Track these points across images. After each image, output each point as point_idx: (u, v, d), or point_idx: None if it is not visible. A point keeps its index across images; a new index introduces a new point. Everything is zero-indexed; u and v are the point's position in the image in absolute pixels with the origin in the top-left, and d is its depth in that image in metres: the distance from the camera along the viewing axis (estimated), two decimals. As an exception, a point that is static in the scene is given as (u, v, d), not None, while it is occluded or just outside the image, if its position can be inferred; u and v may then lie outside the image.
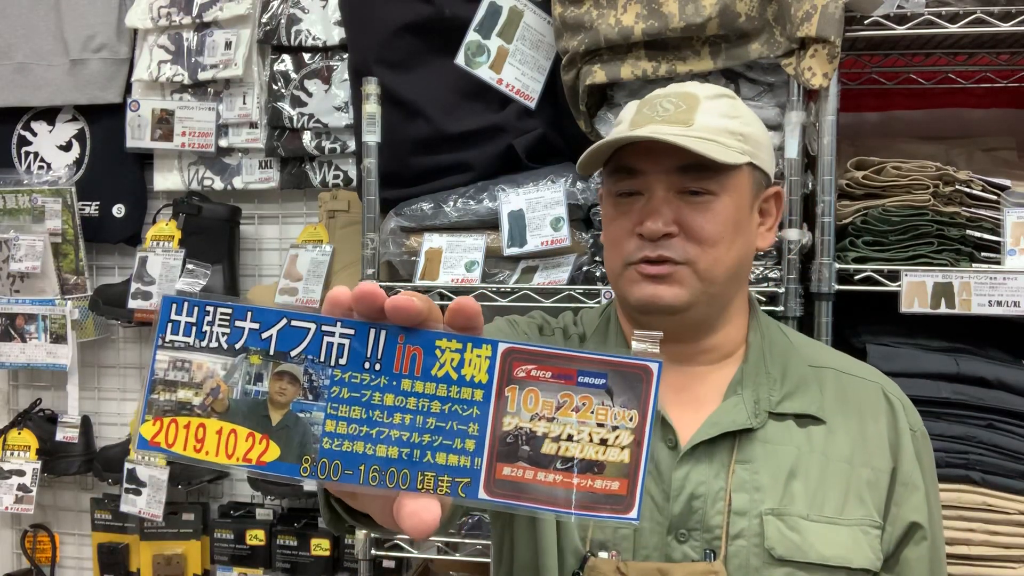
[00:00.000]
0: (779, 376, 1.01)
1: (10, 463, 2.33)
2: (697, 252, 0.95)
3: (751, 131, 0.99)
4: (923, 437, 1.03)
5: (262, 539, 2.22)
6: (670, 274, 0.96)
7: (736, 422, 0.97)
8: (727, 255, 0.97)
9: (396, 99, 1.74)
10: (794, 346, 1.06)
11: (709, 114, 0.97)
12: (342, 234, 2.14)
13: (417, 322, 0.52)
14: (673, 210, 0.96)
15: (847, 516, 0.95)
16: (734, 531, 0.93)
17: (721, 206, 0.96)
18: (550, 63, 1.76)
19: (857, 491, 0.96)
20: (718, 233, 0.96)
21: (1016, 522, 1.43)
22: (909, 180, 1.51)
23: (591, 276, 1.65)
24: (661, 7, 1.50)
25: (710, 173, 0.95)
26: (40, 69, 2.37)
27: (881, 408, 1.02)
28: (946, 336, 1.54)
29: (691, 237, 0.95)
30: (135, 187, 2.39)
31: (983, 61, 1.86)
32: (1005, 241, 1.49)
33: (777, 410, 0.98)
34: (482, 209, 1.70)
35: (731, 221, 0.97)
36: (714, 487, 0.95)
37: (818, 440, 0.98)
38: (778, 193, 1.04)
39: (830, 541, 0.93)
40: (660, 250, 0.95)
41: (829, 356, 1.08)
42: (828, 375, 1.03)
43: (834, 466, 0.97)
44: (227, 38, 2.24)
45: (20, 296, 2.37)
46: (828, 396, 1.01)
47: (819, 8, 1.40)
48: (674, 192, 0.96)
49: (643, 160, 0.96)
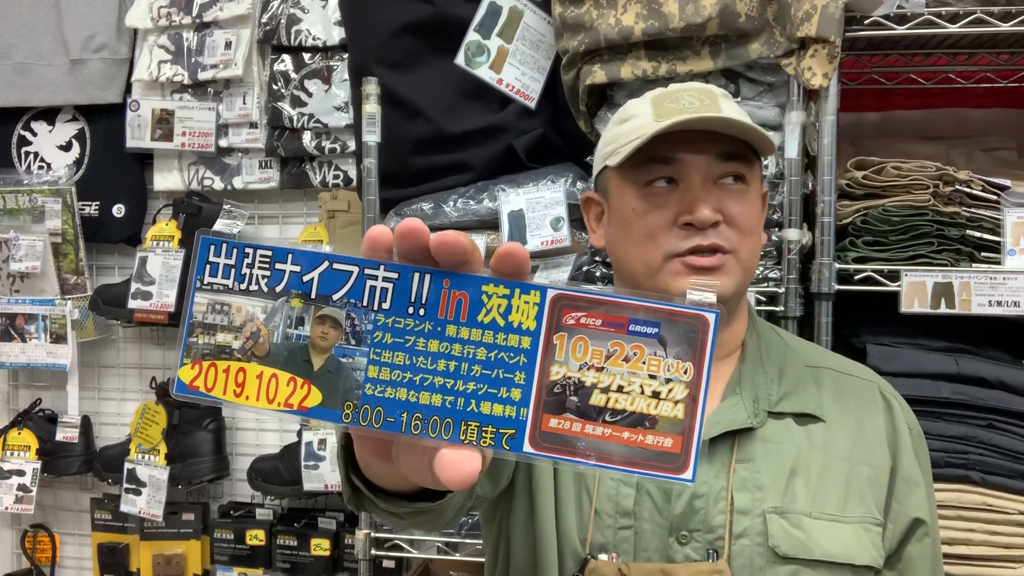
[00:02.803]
0: (776, 376, 1.01)
1: (10, 463, 2.33)
2: (739, 240, 0.95)
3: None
4: (919, 435, 1.04)
5: (262, 539, 2.22)
6: (720, 265, 0.95)
7: (736, 421, 0.96)
8: (757, 244, 0.99)
9: (396, 99, 1.74)
10: (790, 347, 1.06)
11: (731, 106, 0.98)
12: (342, 234, 2.14)
13: (462, 261, 0.50)
14: (715, 198, 0.94)
15: (849, 514, 0.95)
16: (737, 530, 0.93)
17: (752, 196, 0.97)
18: (550, 63, 1.76)
19: (858, 489, 0.97)
20: (754, 222, 0.97)
21: (1016, 522, 1.43)
22: (909, 180, 1.51)
23: (591, 276, 1.65)
24: (661, 7, 1.50)
25: (746, 162, 0.96)
26: (40, 69, 2.37)
27: (879, 407, 1.02)
28: (946, 336, 1.54)
29: (733, 225, 0.95)
30: (135, 187, 2.39)
31: (983, 61, 1.86)
32: (1005, 241, 1.49)
33: (776, 409, 0.98)
34: (482, 209, 1.70)
35: (758, 210, 0.99)
36: (715, 487, 0.94)
37: (818, 438, 0.98)
38: (765, 194, 1.05)
39: (833, 538, 0.94)
40: (713, 238, 0.94)
41: (825, 357, 1.08)
42: (825, 375, 1.04)
43: (834, 464, 0.97)
44: (227, 38, 2.24)
45: (20, 296, 2.37)
46: (826, 395, 1.01)
47: (819, 8, 1.40)
48: (711, 181, 0.95)
49: (680, 149, 0.95)
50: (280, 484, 2.14)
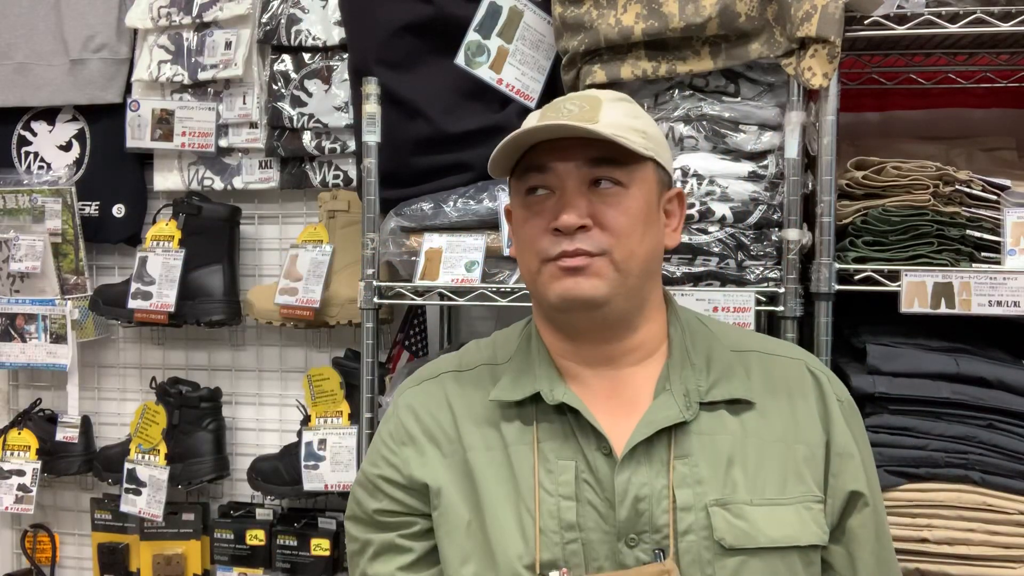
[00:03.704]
0: (704, 366, 1.03)
1: (10, 463, 2.33)
2: (612, 243, 0.97)
3: (653, 131, 1.03)
4: (850, 406, 1.06)
5: (262, 539, 2.22)
6: (587, 266, 0.96)
7: (669, 417, 0.98)
8: (640, 247, 0.99)
9: (396, 99, 1.74)
10: (714, 334, 1.08)
11: (613, 113, 1.00)
12: (342, 234, 2.14)
13: None
14: (586, 203, 0.97)
15: (788, 495, 0.97)
16: (682, 527, 0.94)
17: (631, 199, 0.99)
18: (550, 63, 1.76)
19: (795, 469, 0.99)
20: (630, 225, 0.98)
21: (1016, 522, 1.43)
22: (909, 180, 1.51)
23: (591, 276, 1.65)
24: (661, 7, 1.50)
25: (620, 166, 0.98)
26: (40, 69, 2.37)
27: (807, 383, 1.04)
28: (946, 336, 1.54)
29: (605, 229, 0.97)
30: (135, 187, 2.39)
31: (983, 61, 1.86)
32: (1005, 241, 1.49)
33: (707, 399, 1.00)
34: (482, 209, 1.70)
35: (641, 214, 0.99)
36: (657, 486, 0.95)
37: (751, 424, 1.00)
38: (680, 194, 1.07)
39: (776, 523, 0.95)
40: (577, 243, 0.96)
41: (750, 339, 1.10)
42: (752, 358, 1.06)
43: (770, 447, 0.99)
44: (227, 38, 2.24)
45: (20, 296, 2.37)
46: (755, 379, 1.03)
47: (819, 8, 1.40)
48: (586, 186, 0.98)
49: (553, 157, 0.99)
50: (280, 484, 2.14)
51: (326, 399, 2.11)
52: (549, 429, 1.01)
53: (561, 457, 0.99)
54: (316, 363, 2.27)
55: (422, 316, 2.12)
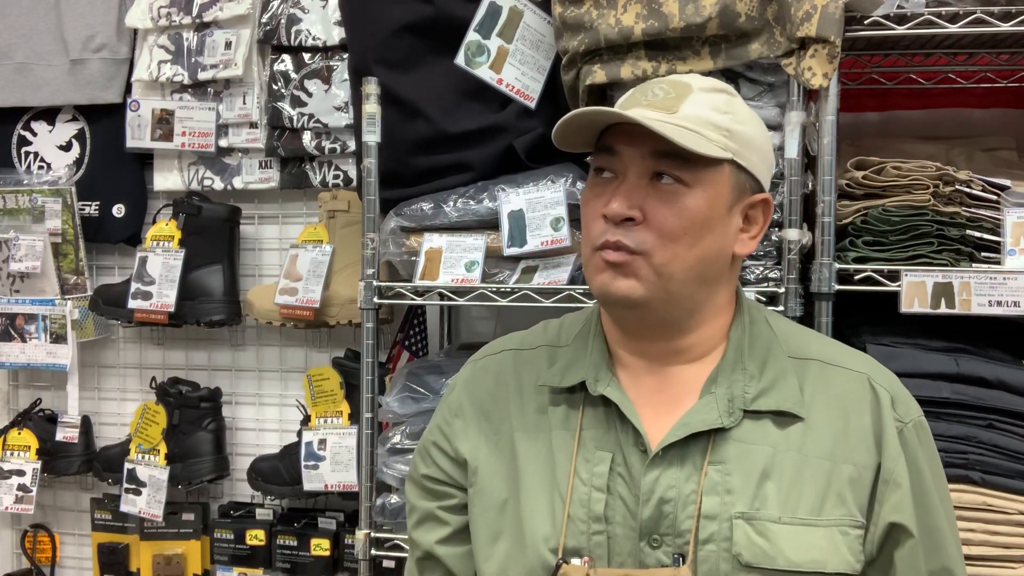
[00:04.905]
0: (757, 371, 0.97)
1: (10, 463, 2.33)
2: (655, 244, 0.92)
3: (742, 130, 0.96)
4: (915, 429, 0.97)
5: (262, 539, 2.22)
6: (625, 264, 0.92)
7: (706, 422, 0.94)
8: (688, 252, 0.93)
9: (396, 99, 1.74)
10: (778, 337, 1.01)
11: (698, 105, 0.94)
12: (342, 234, 2.14)
13: None
14: (641, 196, 0.93)
15: (825, 516, 0.92)
16: (704, 536, 0.91)
17: (691, 199, 0.92)
18: (550, 63, 1.76)
19: (838, 489, 0.93)
20: (681, 227, 0.92)
21: (1016, 522, 1.43)
22: (909, 180, 1.51)
23: (591, 276, 1.64)
24: (661, 7, 1.50)
25: (686, 163, 0.92)
26: (40, 69, 2.37)
27: (866, 399, 0.97)
28: (946, 336, 1.54)
29: (652, 226, 0.92)
30: (135, 187, 2.39)
31: (983, 61, 1.86)
32: (1005, 241, 1.49)
33: (752, 407, 0.95)
34: (482, 209, 1.70)
35: (700, 217, 0.93)
36: (685, 490, 0.93)
37: (795, 437, 0.94)
38: (766, 200, 1.00)
39: (802, 545, 0.91)
40: (619, 235, 0.92)
41: (815, 346, 1.03)
42: (811, 367, 0.99)
43: (812, 464, 0.93)
44: (227, 38, 2.24)
45: (20, 296, 2.37)
46: (808, 390, 0.97)
47: (819, 8, 1.40)
48: (647, 177, 0.93)
49: (622, 141, 0.94)
50: (280, 484, 2.14)
51: (326, 399, 2.11)
52: (594, 417, 0.99)
53: (600, 447, 0.97)
54: (316, 363, 2.27)
55: (422, 316, 2.12)
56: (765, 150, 1.00)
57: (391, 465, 1.73)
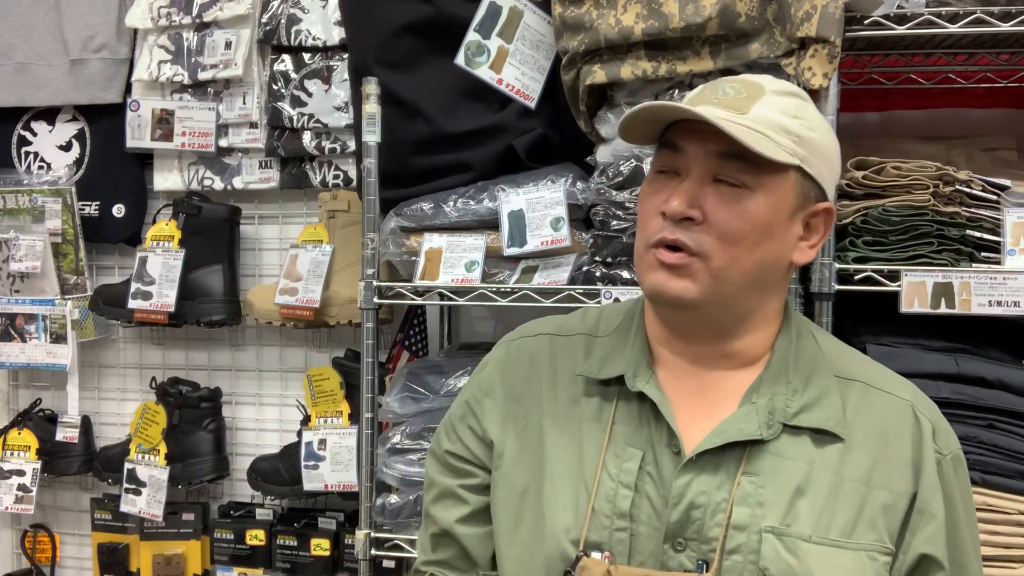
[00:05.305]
0: (801, 386, 0.96)
1: (10, 463, 2.33)
2: (714, 247, 0.90)
3: (812, 137, 0.93)
4: (953, 462, 0.96)
5: (262, 539, 2.22)
6: (683, 266, 0.91)
7: (744, 432, 0.93)
8: (747, 257, 0.91)
9: (396, 99, 1.74)
10: (823, 354, 1.00)
11: (769, 107, 0.92)
12: (342, 234, 2.14)
13: None
14: (703, 196, 0.91)
15: (855, 540, 0.91)
16: (731, 545, 0.90)
17: (753, 203, 0.91)
18: (550, 63, 1.76)
19: (870, 514, 0.92)
20: (742, 231, 0.90)
21: (1016, 522, 1.43)
22: (909, 180, 1.51)
23: (591, 276, 1.65)
24: (661, 7, 1.50)
25: (751, 166, 0.90)
26: (40, 69, 2.37)
27: (908, 428, 0.96)
28: (946, 336, 1.54)
29: (712, 228, 0.90)
30: (135, 187, 2.39)
31: (983, 61, 1.86)
32: (1005, 241, 1.49)
33: (793, 422, 0.94)
34: (482, 209, 1.70)
35: (761, 222, 0.91)
36: (715, 498, 0.91)
37: (833, 458, 0.93)
38: (829, 210, 0.97)
39: (830, 566, 0.90)
40: (677, 233, 0.90)
41: (861, 368, 1.01)
42: (855, 388, 0.97)
43: (847, 486, 0.92)
44: (227, 38, 2.24)
45: (20, 296, 2.37)
46: (851, 411, 0.95)
47: (819, 8, 1.40)
48: (709, 177, 0.91)
49: (687, 138, 0.92)
50: (280, 484, 2.14)
51: (326, 399, 2.11)
52: (626, 412, 0.98)
53: (631, 444, 0.96)
54: (316, 363, 2.27)
55: (422, 316, 2.12)
56: (833, 159, 0.98)
57: (391, 465, 1.73)
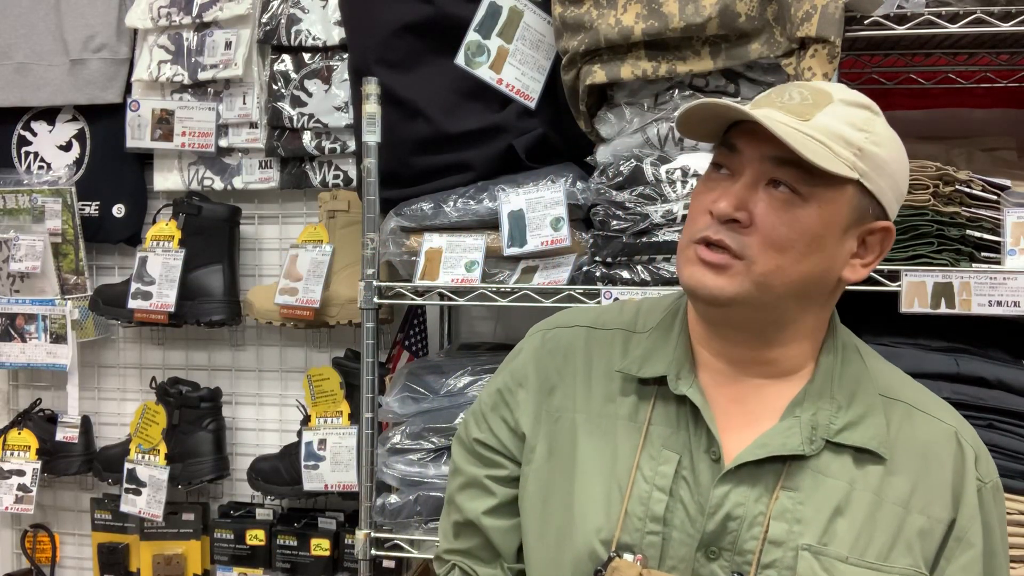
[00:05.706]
0: (845, 403, 0.94)
1: (10, 463, 2.33)
2: (758, 251, 0.88)
3: (877, 152, 0.90)
4: (993, 491, 0.96)
5: (262, 539, 2.22)
6: (724, 265, 0.89)
7: (787, 446, 0.91)
8: (793, 267, 0.89)
9: (396, 99, 1.74)
10: (868, 372, 0.98)
11: (834, 117, 0.89)
12: (342, 234, 2.14)
13: None
14: (753, 200, 0.89)
15: (891, 563, 0.89)
16: (766, 560, 0.89)
17: (805, 213, 0.88)
18: (550, 63, 1.76)
19: (907, 538, 0.91)
20: (789, 239, 0.88)
21: (1016, 522, 1.43)
22: (909, 180, 1.51)
23: (591, 276, 1.65)
24: (661, 7, 1.50)
25: (806, 175, 0.87)
26: (40, 69, 2.37)
27: (950, 452, 0.94)
28: (946, 336, 1.54)
29: (758, 233, 0.88)
30: (135, 187, 2.39)
31: (983, 61, 1.86)
32: (1005, 241, 1.49)
33: (836, 440, 0.92)
34: (482, 209, 1.70)
35: (810, 233, 0.88)
36: (753, 511, 0.90)
37: (874, 479, 0.92)
38: (887, 229, 0.94)
39: None
40: (722, 233, 0.89)
41: (906, 389, 1.00)
42: (898, 409, 0.96)
43: (886, 508, 0.91)
44: (227, 38, 2.24)
45: (20, 296, 2.37)
46: (894, 432, 0.94)
47: (819, 8, 1.40)
48: (763, 181, 0.89)
49: (745, 140, 0.91)
50: (280, 484, 2.14)
51: (326, 399, 2.11)
52: (664, 414, 0.96)
53: (668, 447, 0.94)
54: (316, 363, 2.27)
55: (422, 316, 2.12)
56: (899, 177, 0.94)
57: (391, 465, 1.73)
